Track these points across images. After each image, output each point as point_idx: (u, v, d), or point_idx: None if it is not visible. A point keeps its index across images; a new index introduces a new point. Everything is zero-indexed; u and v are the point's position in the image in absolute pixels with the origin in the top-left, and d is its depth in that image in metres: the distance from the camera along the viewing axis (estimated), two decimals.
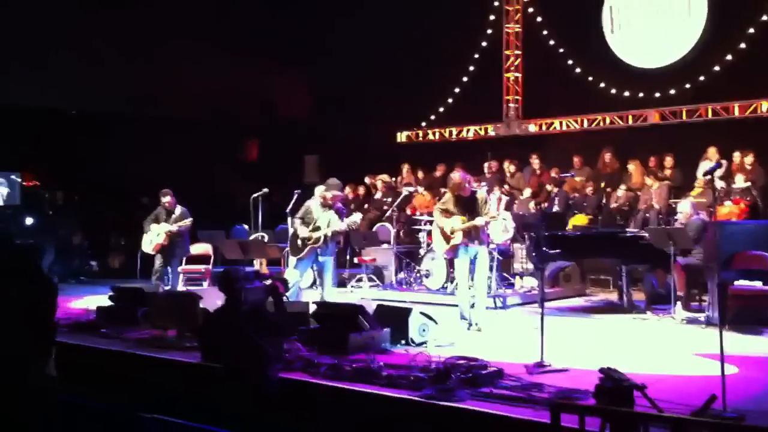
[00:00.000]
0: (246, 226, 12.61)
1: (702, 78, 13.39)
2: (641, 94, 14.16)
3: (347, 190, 14.67)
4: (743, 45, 13.01)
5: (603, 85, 14.53)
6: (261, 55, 15.75)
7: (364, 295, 10.84)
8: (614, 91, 14.43)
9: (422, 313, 7.26)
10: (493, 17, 16.24)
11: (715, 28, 13.45)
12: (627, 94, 14.31)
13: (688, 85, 13.57)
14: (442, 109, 16.72)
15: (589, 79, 14.66)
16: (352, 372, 5.72)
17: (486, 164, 14.23)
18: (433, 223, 9.16)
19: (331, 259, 8.93)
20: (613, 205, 12.56)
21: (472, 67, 16.21)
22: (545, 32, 15.47)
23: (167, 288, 10.34)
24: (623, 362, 5.42)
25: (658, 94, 13.97)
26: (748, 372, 5.93)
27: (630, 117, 14.38)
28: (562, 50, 15.10)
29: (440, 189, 13.86)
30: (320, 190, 9.05)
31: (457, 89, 16.37)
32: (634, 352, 6.86)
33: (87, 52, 15.19)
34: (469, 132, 16.59)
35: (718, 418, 4.32)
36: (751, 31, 12.99)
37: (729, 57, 13.11)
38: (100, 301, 9.00)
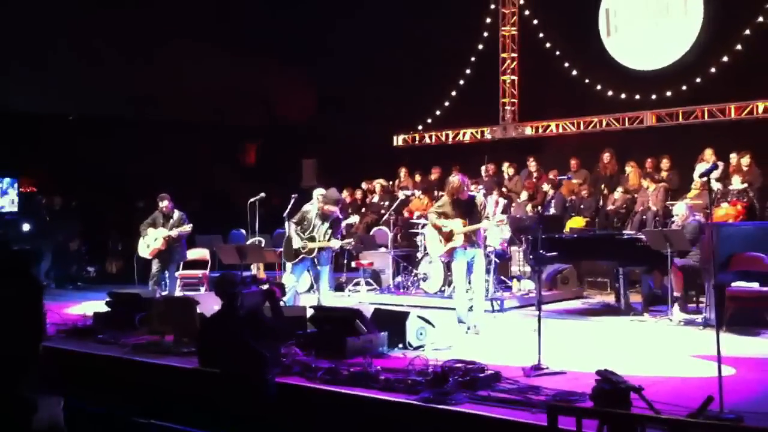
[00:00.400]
0: (243, 231, 12.59)
1: (698, 80, 13.40)
2: (637, 97, 14.16)
3: (345, 193, 14.69)
4: (739, 46, 13.02)
5: (599, 87, 14.54)
6: (261, 55, 15.79)
7: (362, 299, 10.84)
8: (611, 93, 14.44)
9: (420, 317, 7.26)
10: (489, 20, 16.26)
11: (711, 30, 13.47)
12: (623, 96, 14.32)
13: (684, 87, 13.58)
14: (438, 112, 16.73)
15: (586, 81, 14.69)
16: (349, 376, 5.72)
17: (483, 167, 14.23)
18: (427, 226, 9.13)
19: (327, 267, 8.91)
20: (610, 207, 12.58)
21: (469, 70, 16.24)
22: (541, 35, 15.49)
23: (164, 293, 10.28)
24: (620, 364, 5.42)
25: (654, 96, 13.99)
26: (745, 373, 5.94)
27: (626, 119, 14.40)
28: (558, 53, 15.12)
29: (436, 192, 13.90)
30: (318, 192, 9.05)
31: (453, 92, 16.39)
32: (631, 354, 6.86)
33: (87, 52, 15.21)
34: (466, 135, 16.59)
35: (715, 420, 4.32)
36: (746, 33, 13.00)
37: (725, 58, 13.12)
38: (98, 306, 8.98)
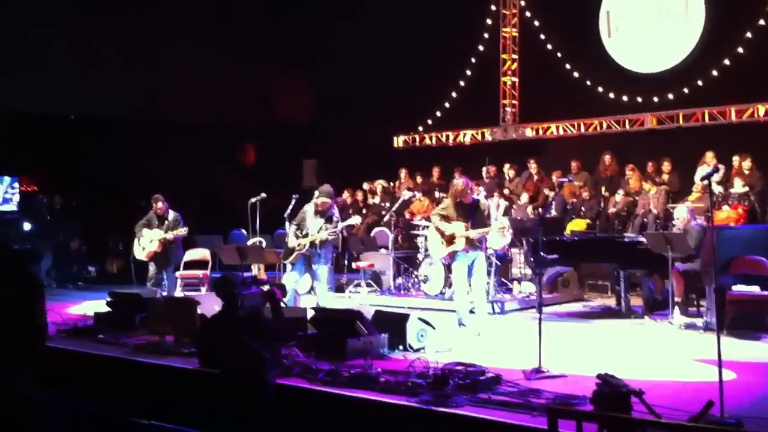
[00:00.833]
0: (244, 231, 12.59)
1: (699, 82, 13.40)
2: (638, 99, 14.14)
3: (345, 194, 14.68)
4: (740, 49, 13.00)
5: (600, 89, 14.52)
6: (261, 55, 15.77)
7: (362, 300, 10.81)
8: (611, 95, 14.42)
9: (420, 319, 7.27)
10: (490, 21, 16.26)
11: (713, 33, 13.45)
12: (624, 98, 14.30)
13: (685, 90, 13.57)
14: (439, 113, 16.72)
15: (587, 83, 14.67)
16: (349, 378, 5.73)
17: (484, 168, 14.22)
18: (429, 228, 9.14)
19: (326, 267, 8.85)
20: (611, 210, 12.57)
21: (469, 71, 16.23)
22: (542, 36, 15.47)
23: (164, 294, 10.29)
24: (621, 368, 5.43)
25: (655, 99, 13.96)
26: (746, 377, 5.93)
27: (627, 121, 14.37)
28: (559, 54, 15.11)
29: (436, 194, 13.90)
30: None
31: (454, 93, 16.38)
32: (631, 357, 6.86)
33: (87, 52, 15.20)
34: (466, 136, 16.58)
35: (715, 424, 4.32)
36: (748, 36, 12.99)
37: (726, 61, 13.11)
38: (98, 306, 8.99)
